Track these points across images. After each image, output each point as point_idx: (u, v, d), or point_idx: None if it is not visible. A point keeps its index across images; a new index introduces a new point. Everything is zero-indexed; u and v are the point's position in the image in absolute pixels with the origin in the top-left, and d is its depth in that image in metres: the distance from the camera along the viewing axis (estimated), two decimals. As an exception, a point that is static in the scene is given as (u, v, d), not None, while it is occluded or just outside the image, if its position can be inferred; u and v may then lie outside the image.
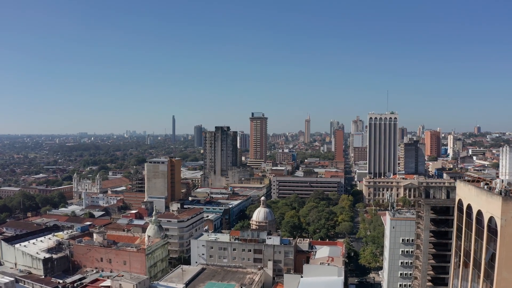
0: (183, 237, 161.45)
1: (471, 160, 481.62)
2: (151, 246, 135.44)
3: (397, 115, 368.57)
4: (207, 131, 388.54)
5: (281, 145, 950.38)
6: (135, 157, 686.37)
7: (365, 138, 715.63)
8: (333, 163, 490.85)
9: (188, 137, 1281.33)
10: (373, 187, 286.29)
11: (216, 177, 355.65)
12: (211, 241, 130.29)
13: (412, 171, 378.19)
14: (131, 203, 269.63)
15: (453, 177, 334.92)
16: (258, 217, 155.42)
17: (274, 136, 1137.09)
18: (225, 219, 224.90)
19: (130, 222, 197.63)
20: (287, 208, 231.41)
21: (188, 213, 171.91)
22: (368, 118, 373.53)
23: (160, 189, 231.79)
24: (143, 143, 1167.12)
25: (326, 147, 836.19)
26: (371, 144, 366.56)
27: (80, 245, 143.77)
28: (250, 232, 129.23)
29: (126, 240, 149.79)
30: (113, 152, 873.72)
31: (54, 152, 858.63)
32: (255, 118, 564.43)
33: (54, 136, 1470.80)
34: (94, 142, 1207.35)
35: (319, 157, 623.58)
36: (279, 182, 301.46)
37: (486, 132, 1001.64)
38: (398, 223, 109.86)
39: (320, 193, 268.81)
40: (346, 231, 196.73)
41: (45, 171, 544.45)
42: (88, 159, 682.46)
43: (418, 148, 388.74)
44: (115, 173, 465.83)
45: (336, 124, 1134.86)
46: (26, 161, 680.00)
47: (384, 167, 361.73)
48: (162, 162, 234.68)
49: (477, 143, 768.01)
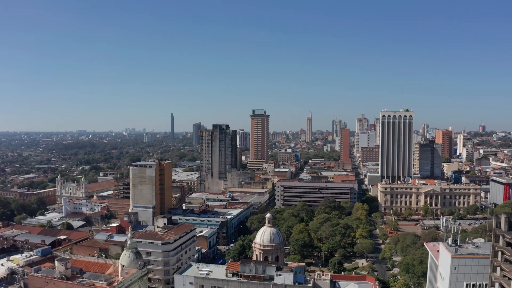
0: (169, 263, 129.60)
1: (487, 162, 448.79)
2: (124, 281, 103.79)
3: (412, 113, 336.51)
4: (204, 129, 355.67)
5: (282, 144, 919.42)
6: (130, 156, 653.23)
7: (372, 137, 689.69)
8: (340, 164, 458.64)
9: (187, 135, 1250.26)
10: (389, 193, 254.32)
11: (214, 180, 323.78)
12: (201, 277, 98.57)
13: (427, 174, 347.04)
14: (116, 211, 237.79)
15: (473, 181, 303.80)
16: (263, 239, 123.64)
17: (274, 134, 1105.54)
18: (222, 233, 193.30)
19: (109, 238, 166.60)
20: (294, 219, 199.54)
21: (176, 231, 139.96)
22: (380, 116, 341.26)
23: (147, 197, 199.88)
24: (141, 141, 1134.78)
25: (329, 146, 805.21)
26: (383, 144, 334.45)
27: (37, 276, 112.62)
28: (253, 267, 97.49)
29: (96, 268, 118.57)
30: (109, 150, 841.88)
31: (49, 150, 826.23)
32: (256, 115, 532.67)
33: (52, 134, 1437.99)
34: (91, 140, 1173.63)
35: (324, 157, 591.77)
36: (284, 188, 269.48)
37: (492, 131, 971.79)
38: (463, 263, 78.52)
39: (331, 201, 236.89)
40: (367, 250, 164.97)
41: (36, 170, 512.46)
42: (82, 158, 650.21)
43: (434, 149, 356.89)
44: (106, 174, 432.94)
45: (339, 122, 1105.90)
46: (19, 159, 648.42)
47: (398, 170, 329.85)
48: (149, 166, 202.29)
49: (485, 143, 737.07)
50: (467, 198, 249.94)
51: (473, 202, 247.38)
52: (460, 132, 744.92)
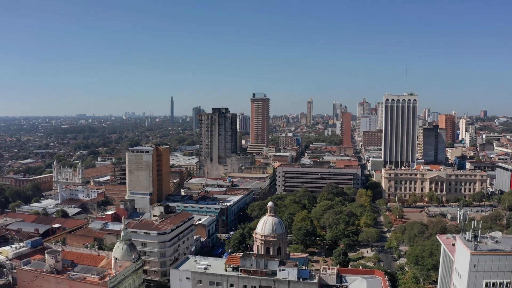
0: (166, 254, 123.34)
1: (491, 147, 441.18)
2: (117, 275, 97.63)
3: (416, 97, 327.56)
4: (203, 113, 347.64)
5: (283, 128, 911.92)
6: (129, 140, 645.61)
7: (373, 121, 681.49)
8: (341, 148, 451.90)
9: (187, 119, 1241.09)
10: (394, 179, 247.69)
11: (213, 165, 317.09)
12: (199, 272, 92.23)
13: (431, 160, 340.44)
14: (113, 198, 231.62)
15: (477, 167, 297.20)
16: (264, 229, 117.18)
17: (274, 118, 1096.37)
18: (222, 220, 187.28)
19: (104, 227, 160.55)
20: (296, 206, 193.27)
21: (173, 220, 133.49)
22: (383, 100, 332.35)
23: (144, 184, 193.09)
24: (141, 125, 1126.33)
25: (330, 131, 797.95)
26: (387, 129, 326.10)
27: (25, 270, 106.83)
28: (254, 261, 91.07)
29: (88, 261, 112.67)
30: (108, 134, 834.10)
31: (48, 135, 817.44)
32: (256, 99, 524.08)
33: (52, 118, 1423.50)
34: (90, 124, 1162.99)
35: (325, 141, 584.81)
36: (286, 173, 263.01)
37: (493, 116, 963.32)
38: (483, 260, 72.00)
39: (333, 187, 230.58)
40: (372, 239, 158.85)
41: (34, 155, 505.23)
42: (80, 143, 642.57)
43: (438, 134, 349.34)
44: (104, 159, 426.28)
45: (339, 106, 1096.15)
46: (17, 144, 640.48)
47: (401, 155, 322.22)
48: (146, 152, 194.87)
49: (487, 128, 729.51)
50: (473, 184, 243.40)
51: (479, 189, 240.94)
52: (462, 117, 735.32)
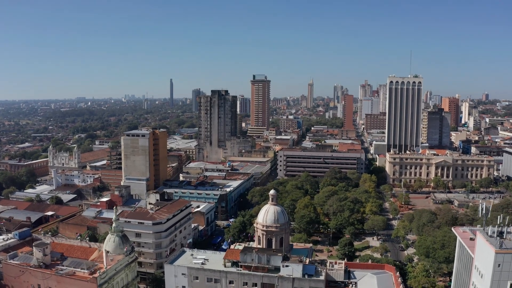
0: (161, 245, 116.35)
1: (496, 131, 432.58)
2: (108, 270, 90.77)
3: (421, 79, 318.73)
4: (202, 95, 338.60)
5: (283, 110, 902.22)
6: (128, 123, 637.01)
7: (375, 103, 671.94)
8: (343, 131, 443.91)
9: (187, 101, 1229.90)
10: (398, 164, 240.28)
11: (213, 148, 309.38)
12: (195, 268, 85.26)
13: (435, 144, 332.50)
14: (109, 183, 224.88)
15: (483, 152, 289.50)
16: (266, 219, 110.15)
17: (275, 100, 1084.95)
18: (221, 207, 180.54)
19: (98, 215, 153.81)
20: (299, 192, 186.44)
21: (170, 208, 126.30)
22: (387, 82, 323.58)
23: (141, 169, 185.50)
24: (140, 107, 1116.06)
25: (331, 113, 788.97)
26: (390, 112, 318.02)
27: (11, 264, 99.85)
28: (255, 256, 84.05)
29: (78, 253, 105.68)
30: (107, 117, 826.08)
31: (47, 119, 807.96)
32: (256, 81, 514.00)
33: (51, 101, 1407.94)
34: (89, 107, 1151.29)
35: (326, 124, 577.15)
36: (287, 157, 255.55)
37: (495, 100, 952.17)
38: (508, 259, 64.90)
39: (336, 172, 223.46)
40: (378, 228, 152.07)
41: (32, 139, 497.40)
42: (79, 126, 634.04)
43: (443, 117, 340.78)
44: (102, 142, 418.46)
45: (340, 88, 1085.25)
46: (16, 128, 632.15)
47: (406, 138, 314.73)
48: (142, 135, 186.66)
49: (489, 111, 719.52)
50: (480, 170, 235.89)
51: (486, 175, 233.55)
52: (465, 100, 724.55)
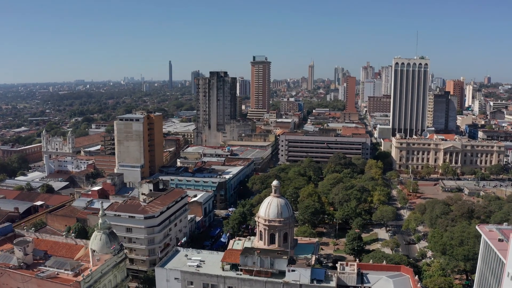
0: (154, 241, 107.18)
1: (502, 115, 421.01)
2: (93, 273, 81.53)
3: (428, 61, 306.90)
4: (201, 77, 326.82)
5: (283, 93, 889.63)
6: (126, 106, 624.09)
7: (378, 86, 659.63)
8: (346, 114, 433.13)
9: (186, 83, 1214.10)
10: (405, 149, 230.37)
11: (211, 132, 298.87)
12: (190, 272, 75.87)
13: (441, 128, 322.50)
14: (103, 169, 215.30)
15: (491, 137, 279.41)
16: (268, 212, 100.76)
17: (275, 82, 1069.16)
18: (220, 195, 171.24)
19: (89, 205, 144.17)
20: (302, 180, 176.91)
21: (164, 200, 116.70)
22: (393, 64, 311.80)
23: (135, 155, 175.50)
24: (139, 90, 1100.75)
25: (332, 95, 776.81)
26: (396, 94, 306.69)
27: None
28: (257, 259, 74.63)
29: (63, 251, 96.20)
30: (105, 100, 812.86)
31: (45, 102, 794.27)
32: (256, 62, 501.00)
33: (50, 84, 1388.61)
34: (88, 90, 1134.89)
35: (328, 106, 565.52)
36: (289, 142, 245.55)
37: (497, 83, 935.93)
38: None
39: (341, 157, 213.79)
40: (388, 219, 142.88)
41: (29, 123, 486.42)
42: (76, 109, 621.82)
43: (449, 100, 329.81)
44: (98, 126, 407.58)
45: (341, 70, 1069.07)
46: (13, 112, 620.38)
47: (411, 122, 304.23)
48: (136, 120, 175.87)
49: (492, 95, 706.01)
50: (489, 156, 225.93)
51: (496, 161, 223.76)
52: (469, 83, 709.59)
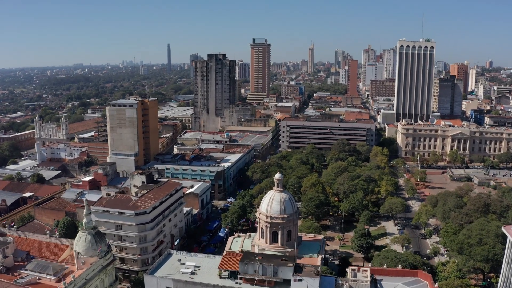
0: (146, 239, 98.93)
1: (508, 100, 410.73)
2: (76, 279, 73.27)
3: (434, 44, 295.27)
4: (199, 59, 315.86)
5: (283, 76, 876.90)
6: (124, 89, 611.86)
7: (379, 69, 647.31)
8: (347, 98, 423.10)
9: (185, 67, 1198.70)
10: (411, 136, 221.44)
11: (210, 117, 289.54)
12: (183, 281, 67.55)
13: (446, 113, 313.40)
14: (97, 157, 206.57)
15: (497, 123, 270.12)
16: (270, 208, 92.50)
17: (274, 65, 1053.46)
18: (218, 185, 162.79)
19: (79, 197, 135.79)
20: (304, 168, 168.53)
21: (157, 193, 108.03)
22: (398, 46, 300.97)
23: (128, 143, 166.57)
24: (137, 73, 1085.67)
25: (333, 79, 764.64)
26: (400, 78, 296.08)
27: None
28: (259, 266, 66.22)
29: (47, 252, 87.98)
30: (103, 84, 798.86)
31: (42, 86, 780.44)
32: (256, 44, 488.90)
33: (48, 68, 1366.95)
34: (85, 74, 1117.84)
35: (329, 90, 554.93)
36: (291, 128, 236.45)
37: (499, 67, 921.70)
38: None
39: (345, 144, 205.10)
40: (396, 211, 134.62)
41: (25, 108, 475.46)
42: (73, 94, 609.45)
43: (455, 85, 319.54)
44: (94, 111, 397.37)
45: (342, 53, 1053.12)
46: (9, 97, 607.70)
47: (416, 107, 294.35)
48: (129, 106, 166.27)
49: (495, 79, 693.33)
50: (498, 143, 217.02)
51: (505, 149, 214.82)
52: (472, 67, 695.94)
